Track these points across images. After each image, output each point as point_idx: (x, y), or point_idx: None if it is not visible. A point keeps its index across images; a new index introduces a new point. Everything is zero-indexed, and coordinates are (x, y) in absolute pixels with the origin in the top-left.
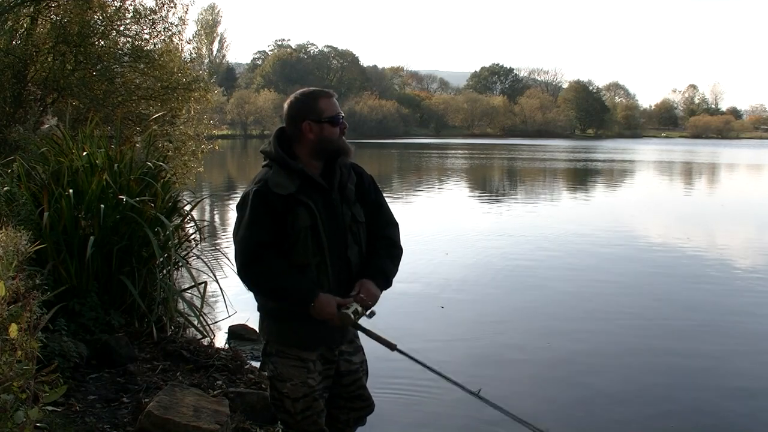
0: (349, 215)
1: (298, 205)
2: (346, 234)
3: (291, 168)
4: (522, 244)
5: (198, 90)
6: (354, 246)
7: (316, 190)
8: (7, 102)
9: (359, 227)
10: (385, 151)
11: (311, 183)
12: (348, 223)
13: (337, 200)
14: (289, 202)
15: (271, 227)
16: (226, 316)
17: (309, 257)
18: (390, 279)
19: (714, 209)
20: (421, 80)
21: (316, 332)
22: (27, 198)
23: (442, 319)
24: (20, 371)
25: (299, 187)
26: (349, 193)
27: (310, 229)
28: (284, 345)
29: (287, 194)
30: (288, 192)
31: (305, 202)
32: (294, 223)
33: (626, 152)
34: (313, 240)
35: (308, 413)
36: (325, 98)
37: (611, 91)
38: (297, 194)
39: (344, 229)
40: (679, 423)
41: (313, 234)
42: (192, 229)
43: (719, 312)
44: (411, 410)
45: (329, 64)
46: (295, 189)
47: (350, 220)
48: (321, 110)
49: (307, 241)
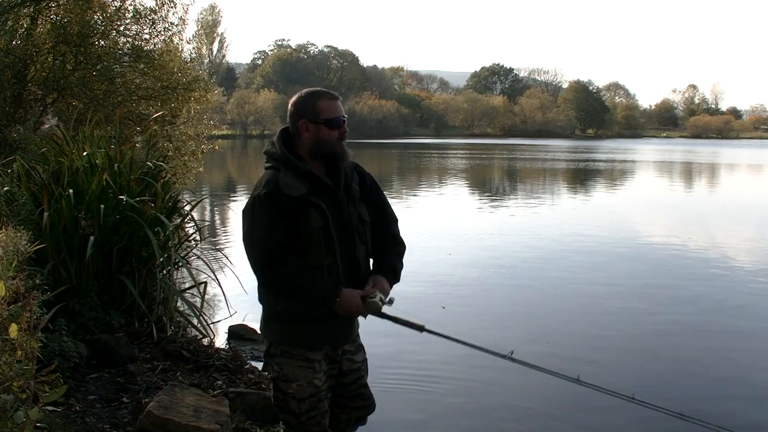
0: (356, 215)
1: (308, 207)
2: (353, 234)
3: (299, 169)
4: (524, 244)
5: (198, 90)
6: (361, 245)
7: (325, 191)
8: (7, 102)
9: (365, 226)
10: (385, 151)
11: (320, 184)
12: (355, 222)
13: (344, 200)
14: (300, 204)
15: (287, 229)
16: (226, 316)
17: (322, 258)
18: (398, 275)
19: (715, 209)
20: (421, 80)
21: (323, 332)
22: (27, 198)
23: (444, 319)
24: (20, 371)
25: (309, 188)
26: (354, 193)
27: (323, 230)
28: (290, 345)
29: (298, 196)
30: (299, 193)
31: (316, 203)
32: (306, 225)
33: (626, 152)
34: (326, 241)
35: (313, 414)
36: (327, 99)
37: (611, 91)
38: (308, 195)
39: (352, 228)
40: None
41: (326, 235)
42: (192, 229)
43: (722, 312)
44: (412, 410)
45: (329, 64)
46: (305, 190)
47: (357, 219)
48: (319, 111)
49: (320, 242)
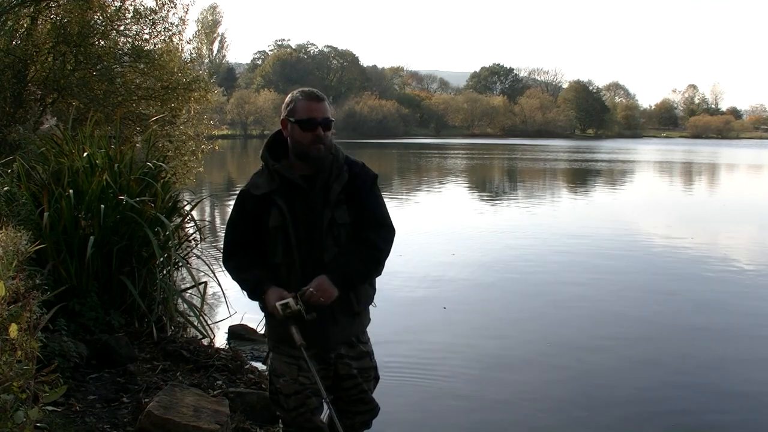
0: (329, 217)
1: (271, 206)
2: (322, 236)
3: (270, 169)
4: (527, 245)
5: (198, 90)
6: (333, 248)
7: (295, 191)
8: (7, 102)
9: (340, 229)
10: (385, 151)
11: (289, 184)
12: (326, 224)
13: (317, 202)
14: (263, 203)
15: (245, 227)
16: (226, 316)
17: (279, 257)
18: (351, 278)
19: (715, 209)
20: (421, 80)
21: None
22: (27, 198)
23: (445, 320)
24: (20, 371)
25: (277, 187)
26: (332, 195)
27: (280, 230)
28: (277, 341)
29: (261, 195)
30: (262, 192)
31: (277, 203)
32: (267, 223)
33: (627, 152)
34: (283, 240)
35: (302, 410)
36: (304, 100)
37: (611, 91)
38: (271, 194)
39: (321, 231)
40: (687, 422)
41: (283, 235)
42: (192, 229)
43: (726, 312)
44: (413, 410)
45: (329, 64)
46: (269, 189)
47: (329, 222)
48: (294, 110)
49: (277, 242)
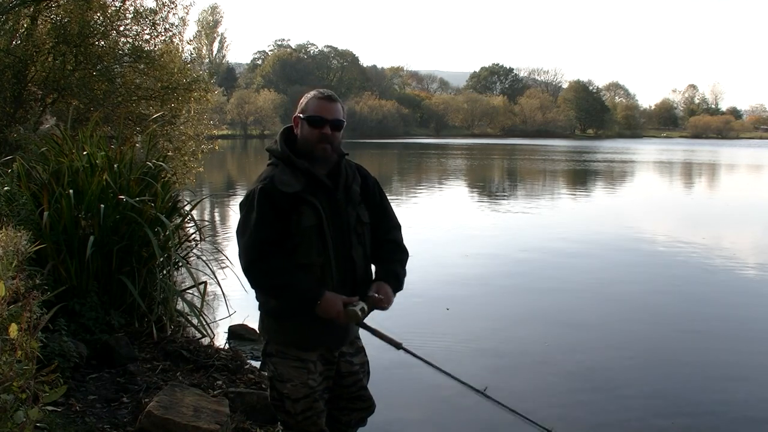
0: (354, 216)
1: (303, 204)
2: (350, 234)
3: (296, 166)
4: (532, 246)
5: (198, 90)
6: (358, 247)
7: (321, 190)
8: (7, 102)
9: (364, 228)
10: (385, 151)
11: (316, 182)
12: (353, 223)
13: (342, 200)
14: (294, 201)
15: (277, 225)
16: (226, 316)
17: (313, 257)
18: (401, 282)
19: (716, 209)
20: (421, 80)
21: (317, 332)
22: (27, 198)
23: (447, 320)
24: (20, 371)
25: (305, 185)
26: (354, 194)
27: (316, 229)
28: (284, 345)
29: (293, 192)
30: (294, 190)
31: (311, 202)
32: (299, 222)
33: (627, 152)
34: (319, 240)
35: (309, 414)
36: (317, 99)
37: (611, 91)
38: (302, 193)
39: (348, 229)
40: (688, 422)
41: (319, 234)
42: (192, 229)
43: (730, 312)
44: (413, 410)
45: (329, 64)
46: (300, 187)
47: (355, 220)
48: (307, 108)
49: (312, 241)
